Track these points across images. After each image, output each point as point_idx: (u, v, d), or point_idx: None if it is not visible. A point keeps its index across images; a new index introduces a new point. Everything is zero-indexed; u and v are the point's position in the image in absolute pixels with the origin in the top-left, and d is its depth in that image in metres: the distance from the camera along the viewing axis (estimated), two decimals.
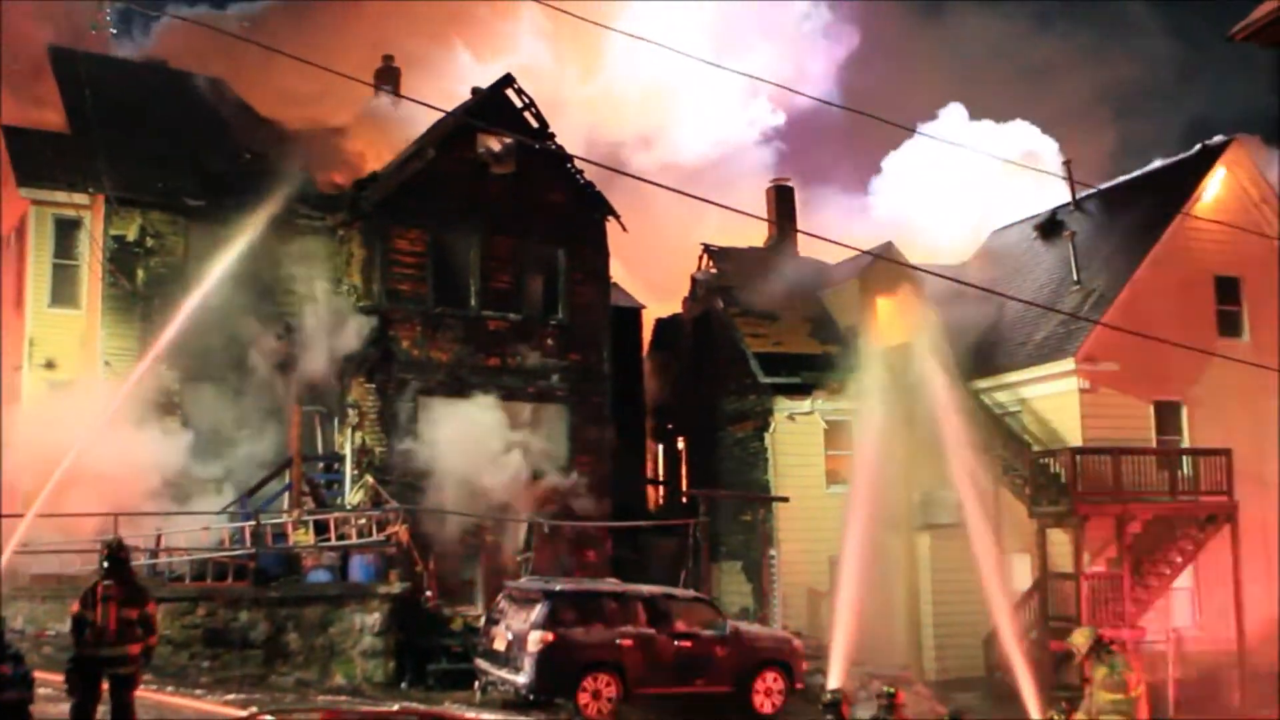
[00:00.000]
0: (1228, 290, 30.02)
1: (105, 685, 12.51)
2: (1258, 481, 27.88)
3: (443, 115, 24.57)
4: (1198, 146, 31.77)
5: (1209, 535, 27.13)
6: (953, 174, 39.00)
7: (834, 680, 20.11)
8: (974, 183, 37.99)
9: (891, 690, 14.17)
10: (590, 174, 29.45)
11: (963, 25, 63.69)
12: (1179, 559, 27.09)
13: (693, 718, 19.67)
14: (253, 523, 23.20)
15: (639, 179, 16.30)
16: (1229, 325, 29.77)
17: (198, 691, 18.33)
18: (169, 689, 17.65)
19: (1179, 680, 25.88)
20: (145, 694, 13.60)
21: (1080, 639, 13.46)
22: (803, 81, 38.17)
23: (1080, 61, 63.95)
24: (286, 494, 25.78)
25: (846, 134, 52.23)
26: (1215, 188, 30.10)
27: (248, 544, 22.96)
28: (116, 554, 12.91)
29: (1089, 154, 44.81)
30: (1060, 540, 27.09)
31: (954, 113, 44.95)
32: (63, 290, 25.79)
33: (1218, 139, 31.17)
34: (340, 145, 30.19)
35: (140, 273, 25.90)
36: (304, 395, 26.02)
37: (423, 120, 28.94)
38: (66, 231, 25.84)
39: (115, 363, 25.10)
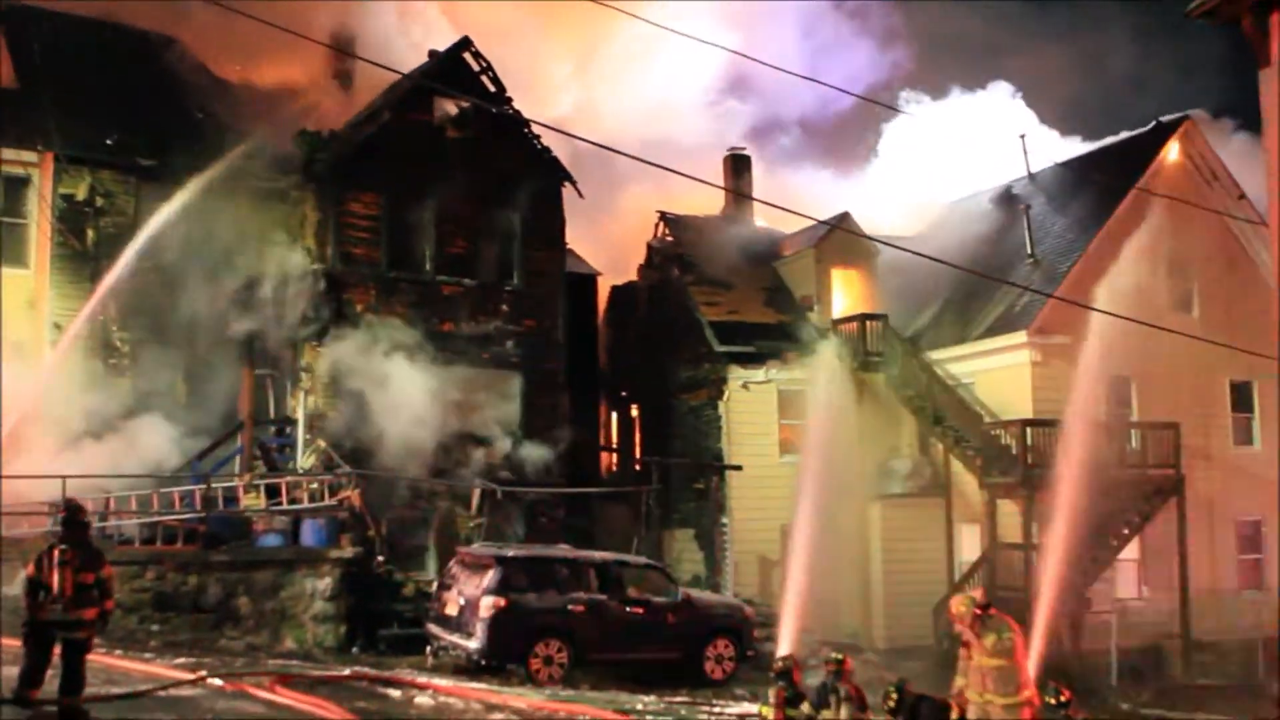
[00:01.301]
0: (1179, 266, 30.29)
1: (57, 649, 12.39)
2: (1204, 455, 28.31)
3: (399, 77, 24.35)
4: (1152, 123, 32.04)
5: (1155, 508, 27.46)
6: (921, 149, 39.22)
7: (784, 647, 20.20)
8: (942, 157, 38.15)
9: (840, 657, 14.23)
10: (548, 139, 29.36)
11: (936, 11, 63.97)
12: (1126, 531, 27.41)
13: (644, 684, 19.72)
14: (203, 486, 23.06)
15: (595, 144, 16.16)
16: (1180, 300, 30.07)
17: (147, 655, 18.19)
18: (118, 652, 17.51)
19: (1122, 649, 26.29)
20: (94, 657, 13.45)
21: (963, 607, 13.35)
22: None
23: (1055, 40, 64.59)
24: (238, 457, 25.64)
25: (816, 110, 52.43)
26: (1168, 164, 30.34)
27: (198, 507, 22.82)
28: (74, 517, 12.77)
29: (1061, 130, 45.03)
30: (1010, 511, 27.35)
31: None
32: (10, 249, 25.34)
33: (1172, 116, 31.46)
34: (296, 106, 29.84)
35: (90, 233, 25.58)
36: (256, 358, 25.85)
37: (381, 82, 28.67)
38: (14, 189, 25.43)
39: (64, 324, 24.82)
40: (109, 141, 26.05)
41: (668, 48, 35.65)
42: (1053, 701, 13.02)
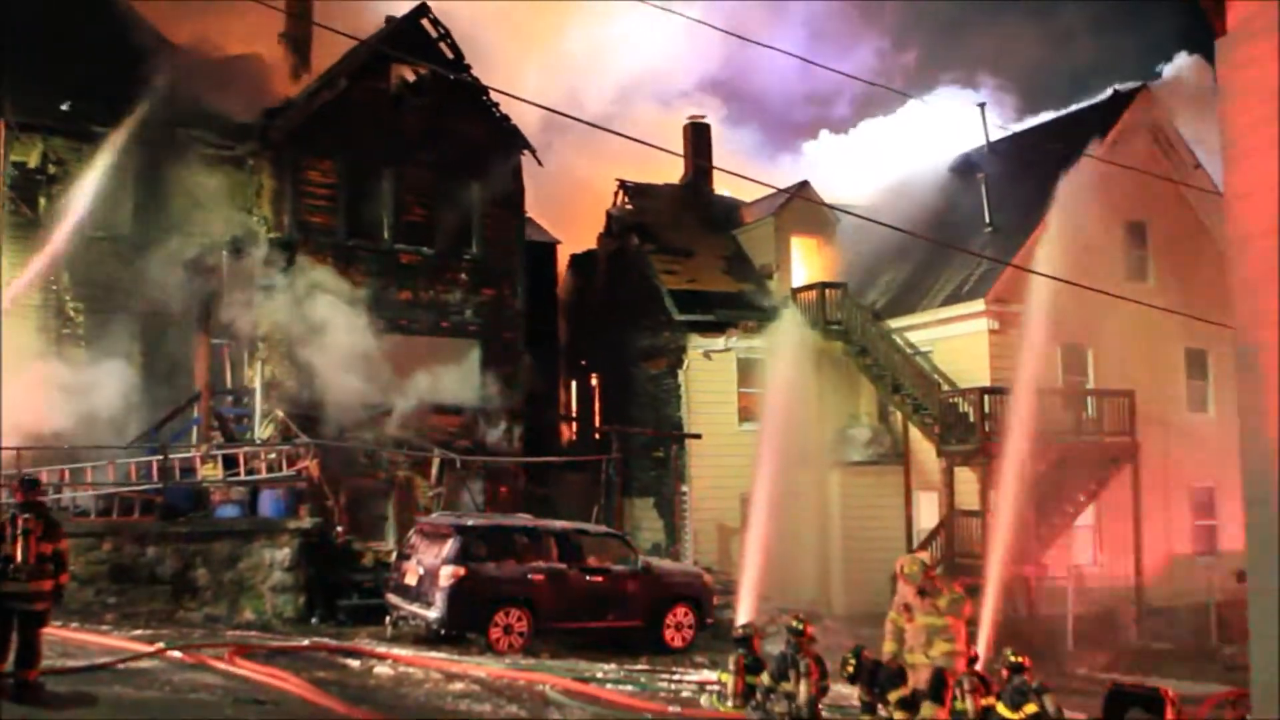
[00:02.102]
0: (1135, 235, 30.52)
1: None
2: (1159, 422, 28.54)
3: (356, 44, 24.14)
4: (1109, 91, 32.19)
5: (1111, 474, 27.70)
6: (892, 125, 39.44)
7: (744, 615, 20.33)
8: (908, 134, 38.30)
9: (800, 627, 14.27)
10: (506, 107, 29.20)
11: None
12: (1082, 497, 27.65)
13: (604, 652, 19.78)
14: (160, 457, 22.88)
15: (555, 111, 16.08)
16: (1135, 269, 30.28)
17: (104, 627, 18.10)
18: (74, 625, 17.41)
19: (1078, 614, 26.56)
20: (51, 631, 13.36)
21: (915, 566, 13.47)
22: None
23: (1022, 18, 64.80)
24: (195, 428, 25.45)
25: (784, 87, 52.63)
26: (1125, 133, 30.46)
27: (155, 478, 22.64)
28: (36, 487, 12.65)
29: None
30: (967, 478, 27.52)
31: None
32: None
33: (1130, 85, 31.60)
34: (252, 73, 29.50)
35: (42, 201, 25.25)
36: (212, 327, 25.63)
37: (339, 48, 28.42)
38: None
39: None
40: (62, 108, 25.70)
41: (650, 30, 35.49)
42: (1014, 660, 13.13)
